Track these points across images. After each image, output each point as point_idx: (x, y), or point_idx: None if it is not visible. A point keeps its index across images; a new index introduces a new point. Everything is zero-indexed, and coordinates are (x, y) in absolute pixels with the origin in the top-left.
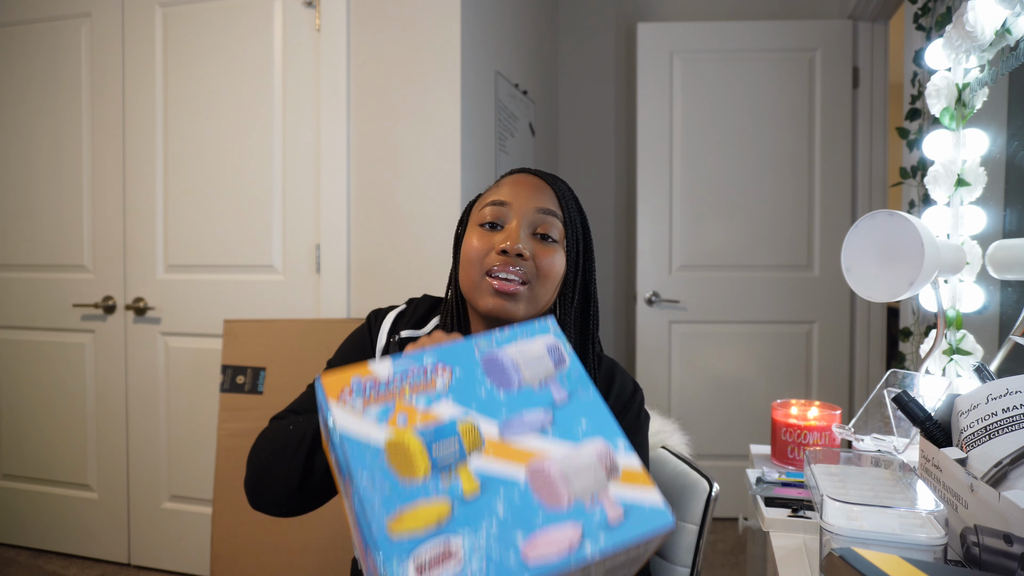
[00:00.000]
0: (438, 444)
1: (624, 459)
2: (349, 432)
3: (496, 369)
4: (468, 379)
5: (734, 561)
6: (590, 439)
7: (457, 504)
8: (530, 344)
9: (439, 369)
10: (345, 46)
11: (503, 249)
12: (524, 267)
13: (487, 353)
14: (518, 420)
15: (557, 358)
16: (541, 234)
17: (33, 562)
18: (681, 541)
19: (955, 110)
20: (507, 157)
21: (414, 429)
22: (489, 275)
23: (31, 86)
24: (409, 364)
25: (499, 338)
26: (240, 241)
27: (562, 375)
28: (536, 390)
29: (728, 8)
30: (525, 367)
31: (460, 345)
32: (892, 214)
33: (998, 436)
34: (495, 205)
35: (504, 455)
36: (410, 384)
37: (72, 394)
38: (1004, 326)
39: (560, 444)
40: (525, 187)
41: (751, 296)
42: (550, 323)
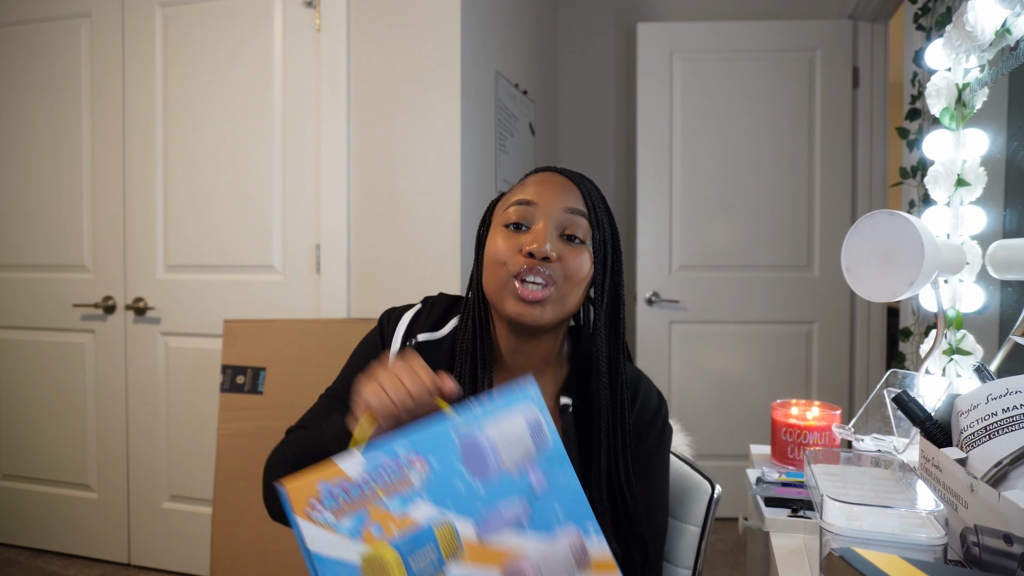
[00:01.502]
0: (415, 556)
1: (594, 548)
2: (322, 552)
3: (474, 455)
4: (445, 471)
5: (734, 561)
6: (564, 529)
7: None
8: (511, 420)
9: (414, 462)
10: (345, 46)
11: (530, 252)
12: (551, 269)
13: (465, 436)
14: (495, 516)
15: (538, 438)
16: (568, 235)
17: (33, 562)
18: (683, 542)
19: (955, 110)
20: (507, 157)
21: (390, 540)
22: (516, 278)
23: (31, 86)
24: (381, 458)
25: (478, 414)
26: (240, 241)
27: (542, 457)
28: (515, 477)
29: (728, 8)
30: (504, 450)
31: (436, 428)
32: (892, 214)
33: (998, 436)
34: (521, 205)
35: (481, 558)
36: (383, 485)
37: (72, 394)
38: (1004, 326)
39: (535, 539)
40: (552, 186)
41: (751, 296)
42: (531, 391)
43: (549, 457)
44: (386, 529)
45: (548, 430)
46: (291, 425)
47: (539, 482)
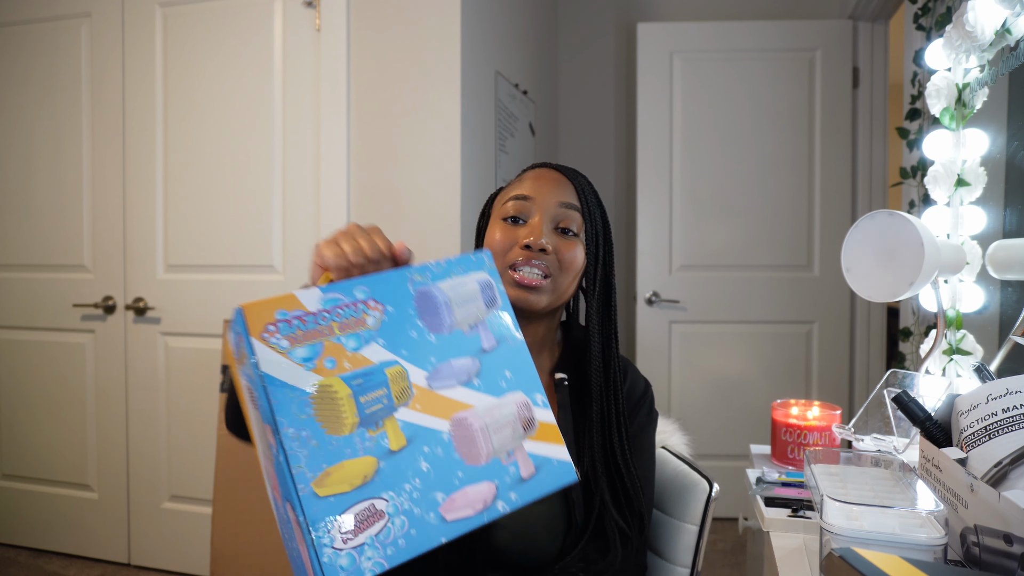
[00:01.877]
0: (366, 394)
1: (540, 414)
2: (274, 375)
3: (428, 307)
4: (400, 318)
5: (734, 561)
6: (512, 392)
7: (383, 461)
8: (464, 280)
9: (370, 305)
10: (345, 46)
11: (527, 244)
12: (546, 261)
13: (421, 287)
14: (447, 368)
15: (489, 298)
16: (562, 228)
17: (33, 562)
18: (681, 541)
19: (955, 110)
20: (507, 157)
21: (342, 375)
22: (512, 268)
23: (31, 86)
24: (339, 298)
25: (434, 271)
26: (240, 241)
27: (493, 319)
28: (466, 334)
29: (728, 8)
30: (458, 307)
31: (393, 276)
32: (892, 214)
33: (998, 436)
34: (518, 199)
35: (430, 407)
36: (339, 321)
37: (72, 394)
38: (1004, 326)
39: (484, 396)
40: (547, 182)
41: (751, 296)
42: (485, 257)
43: (501, 321)
44: (339, 364)
45: (499, 295)
46: None
47: (490, 343)
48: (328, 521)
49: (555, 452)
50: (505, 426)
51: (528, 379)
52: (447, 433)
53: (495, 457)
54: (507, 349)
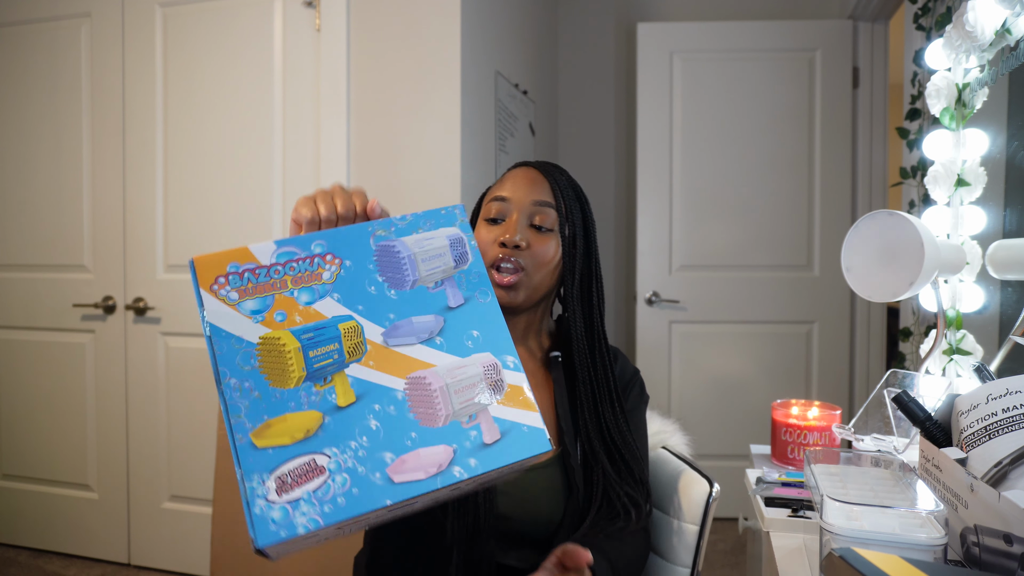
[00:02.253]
0: (316, 348)
1: (511, 377)
2: (220, 326)
3: (390, 263)
4: (357, 272)
5: (734, 561)
6: (479, 353)
7: (329, 416)
8: (432, 235)
9: (327, 259)
10: (345, 46)
11: (502, 241)
12: (521, 256)
13: (383, 241)
14: (407, 326)
15: (459, 255)
16: (536, 225)
17: (33, 562)
18: (681, 541)
19: (955, 110)
20: (507, 157)
21: (291, 329)
22: (492, 266)
23: (31, 86)
24: (295, 251)
25: (399, 226)
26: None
27: (462, 275)
28: (431, 291)
29: (728, 8)
30: (422, 262)
31: (354, 230)
32: (892, 214)
33: (998, 436)
34: (497, 201)
35: (385, 364)
36: (292, 275)
37: (72, 394)
38: (1004, 326)
39: (447, 356)
40: (523, 181)
41: (751, 296)
42: (457, 211)
43: (469, 277)
44: (290, 317)
45: (470, 249)
46: None
47: (456, 301)
48: (263, 473)
49: (525, 418)
50: (468, 388)
51: (499, 339)
52: (401, 392)
53: (454, 420)
54: (476, 307)
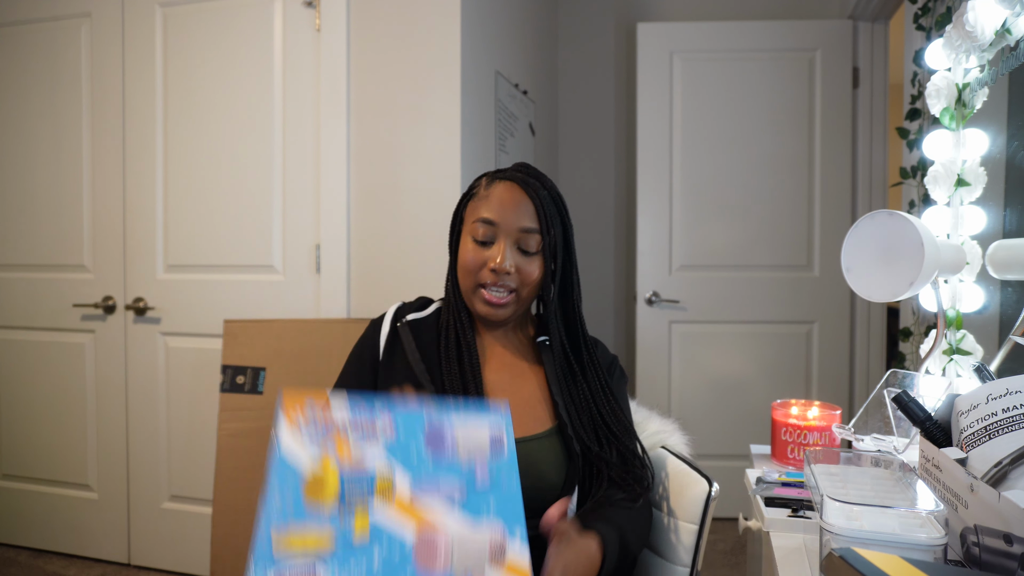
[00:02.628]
0: (352, 483)
1: (514, 551)
2: (284, 446)
3: (435, 437)
4: (407, 438)
5: (734, 561)
6: (490, 522)
7: (341, 541)
8: (478, 427)
9: (385, 421)
10: (345, 46)
11: (493, 268)
12: (510, 280)
13: (435, 425)
14: (433, 482)
15: (496, 451)
16: (523, 249)
17: (33, 562)
18: (681, 541)
19: (955, 110)
20: (507, 157)
21: (338, 463)
22: (482, 287)
23: (31, 86)
24: (362, 414)
25: (451, 413)
26: (240, 241)
27: (494, 463)
28: (462, 465)
29: (728, 8)
30: (463, 444)
31: (414, 409)
32: (892, 214)
33: (998, 436)
34: (485, 223)
35: (404, 512)
36: (353, 422)
37: (72, 394)
38: (1004, 326)
39: (461, 518)
40: (509, 205)
41: (751, 296)
42: (503, 411)
43: (500, 464)
44: (339, 453)
45: (507, 446)
46: None
47: (482, 478)
48: (269, 566)
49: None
50: (472, 551)
51: (512, 512)
52: (411, 540)
53: (451, 573)
54: (498, 485)
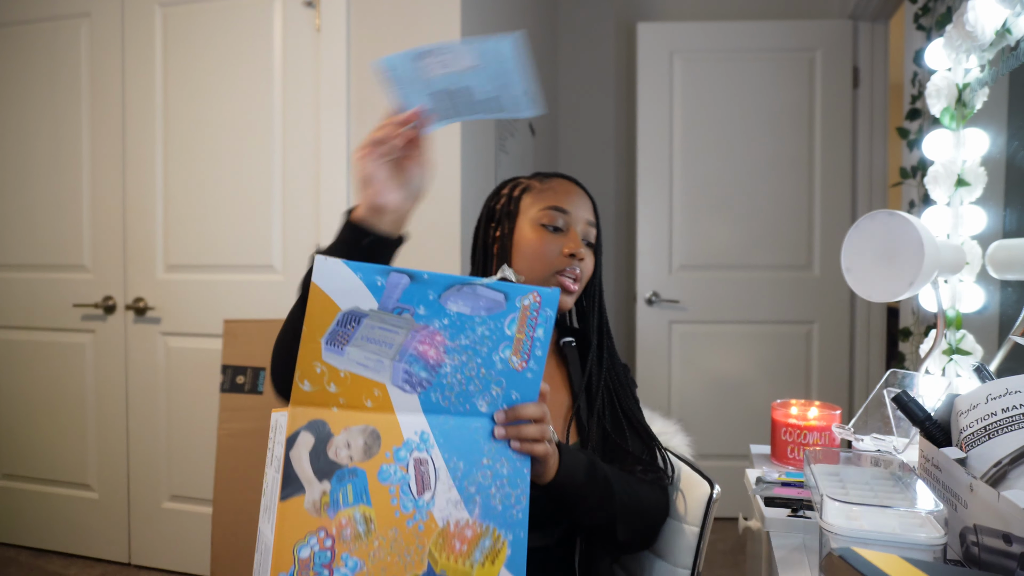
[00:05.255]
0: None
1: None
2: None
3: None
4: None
5: (734, 561)
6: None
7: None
8: None
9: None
10: (345, 46)
11: (572, 253)
12: (581, 268)
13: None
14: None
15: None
16: (587, 242)
17: (33, 562)
18: (682, 542)
19: (955, 110)
20: (507, 157)
21: None
22: (558, 273)
23: (30, 86)
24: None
25: None
26: (240, 241)
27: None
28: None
29: (728, 8)
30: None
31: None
32: (892, 214)
33: (998, 436)
34: (558, 211)
35: None
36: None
37: (72, 394)
38: (1004, 326)
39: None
40: (577, 197)
41: (751, 296)
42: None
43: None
44: None
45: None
46: None
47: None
48: None
49: None
50: None
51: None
52: None
53: None
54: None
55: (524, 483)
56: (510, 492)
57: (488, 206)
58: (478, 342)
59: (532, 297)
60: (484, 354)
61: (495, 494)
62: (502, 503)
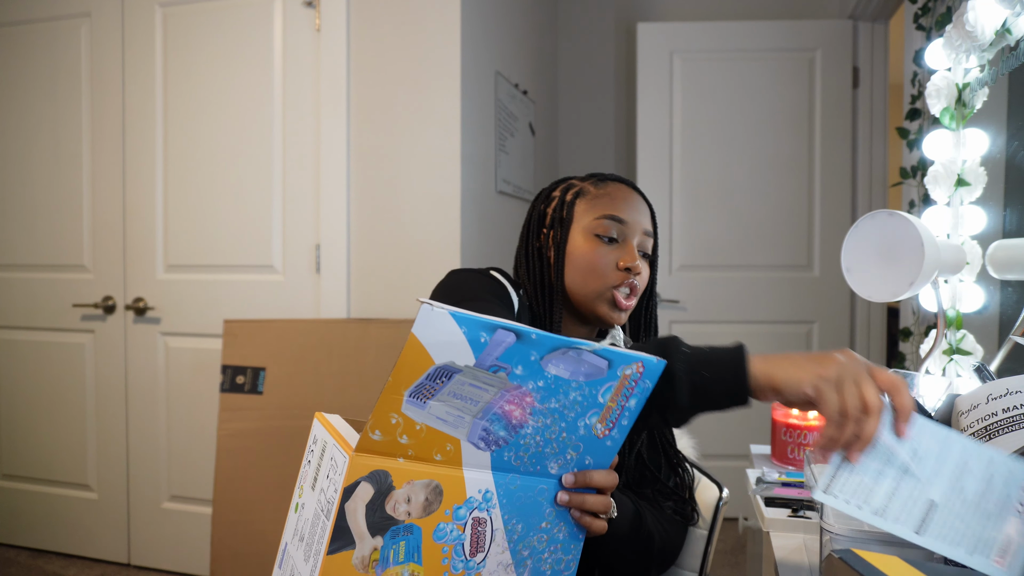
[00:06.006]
0: None
1: None
2: None
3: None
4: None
5: (734, 561)
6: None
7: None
8: None
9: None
10: (345, 46)
11: (628, 267)
12: (638, 281)
13: None
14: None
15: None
16: (643, 253)
17: (33, 562)
18: (690, 546)
19: (955, 110)
20: (507, 157)
21: None
22: (614, 288)
23: (31, 86)
24: None
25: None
26: (240, 241)
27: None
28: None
29: (728, 8)
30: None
31: None
32: (892, 214)
33: (998, 436)
34: (614, 221)
35: None
36: None
37: (72, 394)
38: (1004, 326)
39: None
40: (635, 205)
41: (751, 296)
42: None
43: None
44: None
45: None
46: None
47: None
48: None
49: None
50: None
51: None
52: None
53: None
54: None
55: (577, 550)
56: (561, 557)
57: (538, 209)
58: (568, 407)
59: (636, 367)
60: (570, 419)
61: (547, 559)
62: (552, 568)
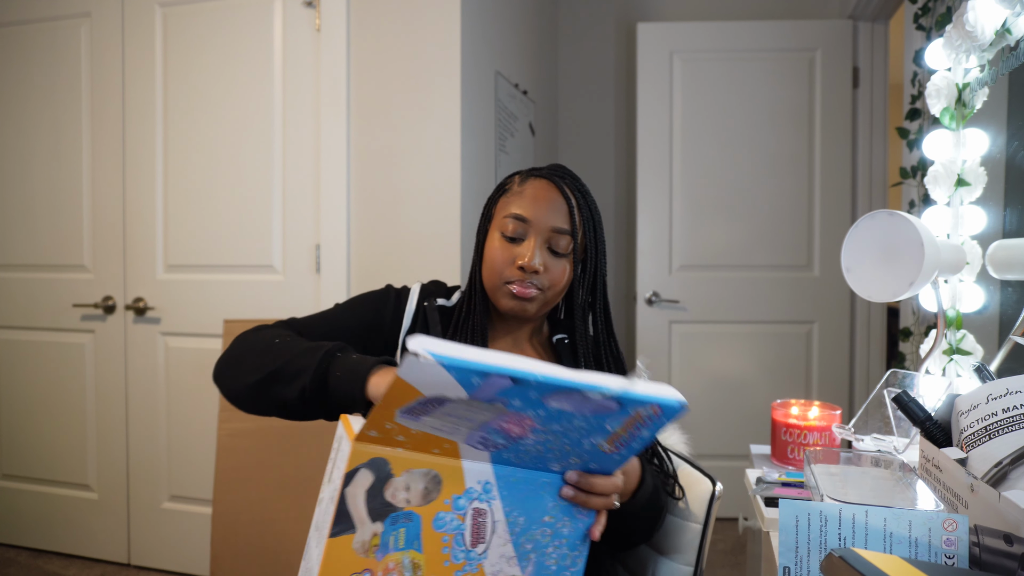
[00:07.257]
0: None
1: None
2: None
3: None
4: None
5: (734, 561)
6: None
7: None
8: None
9: None
10: (345, 46)
11: (520, 266)
12: (538, 280)
13: None
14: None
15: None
16: (552, 249)
17: (33, 562)
18: (685, 540)
19: (955, 110)
20: (507, 157)
21: None
22: (507, 283)
23: (30, 86)
24: None
25: None
26: (240, 241)
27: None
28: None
29: (728, 8)
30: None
31: None
32: (892, 214)
33: (998, 436)
34: (516, 220)
35: None
36: None
37: (72, 394)
38: (1004, 326)
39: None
40: (544, 203)
41: (751, 296)
42: None
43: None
44: None
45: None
46: (293, 319)
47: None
48: None
49: None
50: None
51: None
52: None
53: None
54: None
55: (584, 547)
56: (567, 554)
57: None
58: (572, 431)
59: (652, 409)
60: (574, 438)
61: (551, 553)
62: (557, 564)
